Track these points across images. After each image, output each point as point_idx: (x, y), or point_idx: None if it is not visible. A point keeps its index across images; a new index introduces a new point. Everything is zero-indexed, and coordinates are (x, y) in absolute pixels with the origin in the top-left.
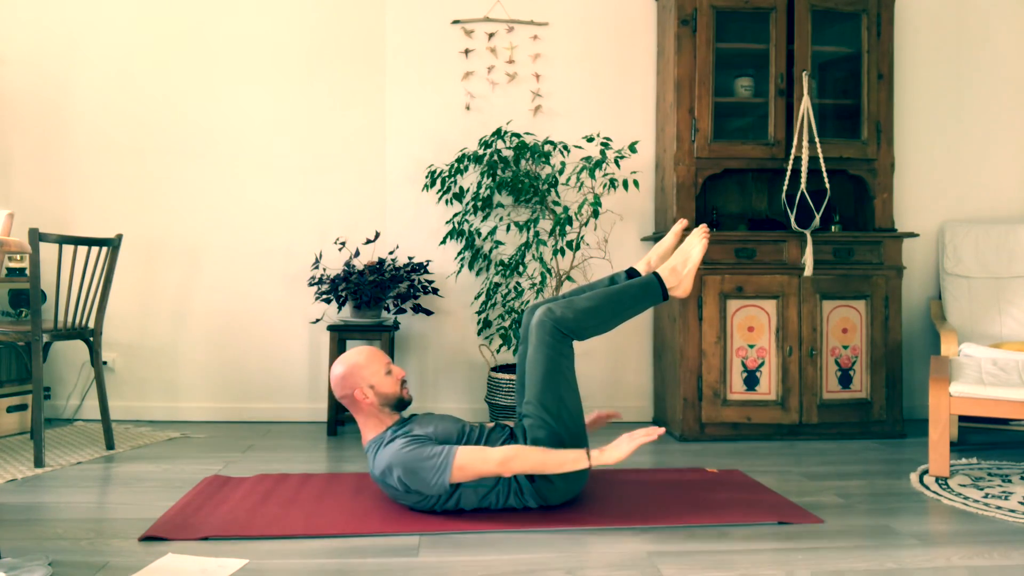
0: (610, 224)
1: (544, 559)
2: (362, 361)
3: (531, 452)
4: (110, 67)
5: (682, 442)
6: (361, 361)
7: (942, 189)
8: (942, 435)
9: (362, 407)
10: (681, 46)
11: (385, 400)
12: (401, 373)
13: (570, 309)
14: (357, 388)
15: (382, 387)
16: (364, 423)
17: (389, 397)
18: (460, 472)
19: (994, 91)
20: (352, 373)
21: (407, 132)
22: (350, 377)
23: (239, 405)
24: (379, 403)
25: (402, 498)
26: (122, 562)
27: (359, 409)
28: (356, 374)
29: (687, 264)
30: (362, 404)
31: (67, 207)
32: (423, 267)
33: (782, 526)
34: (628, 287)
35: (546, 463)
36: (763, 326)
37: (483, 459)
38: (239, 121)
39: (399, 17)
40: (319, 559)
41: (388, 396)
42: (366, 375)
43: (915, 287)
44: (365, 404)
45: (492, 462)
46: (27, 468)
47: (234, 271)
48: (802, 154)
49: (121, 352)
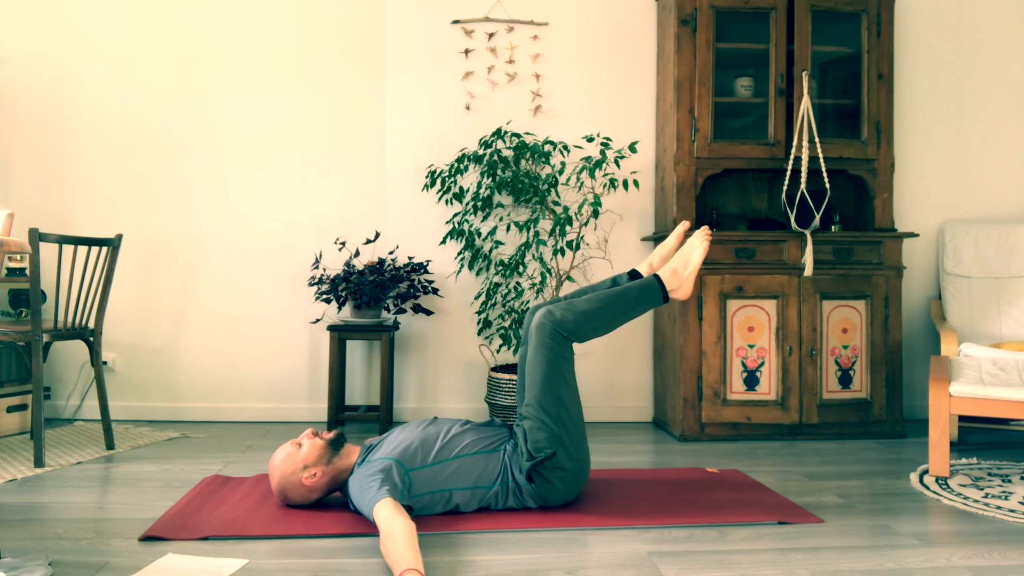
0: (610, 224)
1: (544, 559)
2: (280, 465)
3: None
4: (110, 67)
5: (682, 442)
6: (280, 465)
7: (942, 189)
8: (942, 435)
9: (323, 482)
10: (681, 46)
11: (323, 459)
12: (307, 433)
13: (570, 311)
14: (302, 479)
15: (310, 456)
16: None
17: (323, 454)
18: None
19: (994, 91)
20: (286, 480)
21: (407, 132)
22: (287, 483)
23: (239, 405)
24: (325, 465)
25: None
26: (122, 562)
27: (325, 485)
28: (288, 476)
29: (688, 266)
30: (320, 480)
31: (67, 207)
32: (423, 267)
33: (782, 526)
34: (628, 289)
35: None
36: (763, 326)
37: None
38: (239, 121)
39: (399, 17)
40: (319, 559)
41: (321, 455)
42: (292, 468)
43: (915, 287)
44: (320, 477)
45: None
46: (27, 468)
47: (234, 271)
48: (802, 154)
49: (121, 352)
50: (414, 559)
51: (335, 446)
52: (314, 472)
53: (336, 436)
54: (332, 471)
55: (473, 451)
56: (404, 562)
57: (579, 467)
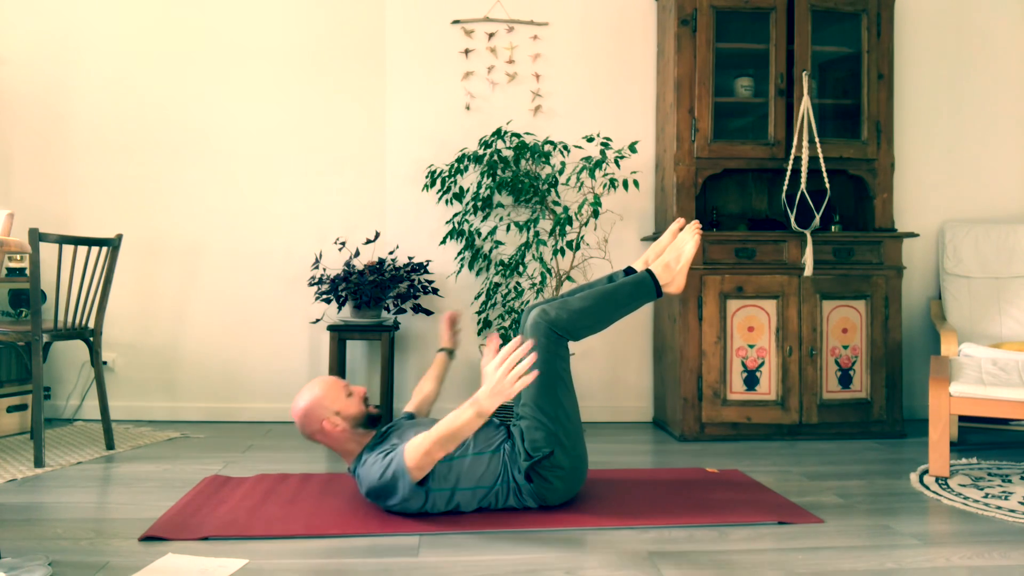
0: (610, 224)
1: (544, 559)
2: (320, 392)
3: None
4: (110, 67)
5: (682, 442)
6: (319, 392)
7: (942, 189)
8: (942, 435)
9: (335, 436)
10: (681, 46)
11: (355, 421)
12: (362, 391)
13: (564, 310)
14: (324, 420)
15: (348, 409)
16: (342, 451)
17: (357, 417)
18: (418, 470)
19: (994, 91)
20: (314, 407)
21: (407, 132)
22: (313, 411)
23: (239, 405)
24: (350, 426)
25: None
26: (122, 562)
27: (333, 439)
28: (318, 406)
29: (680, 260)
30: (333, 433)
31: (67, 207)
32: (423, 267)
33: (782, 526)
34: (622, 285)
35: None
36: (763, 326)
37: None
38: (239, 121)
39: (399, 17)
40: (319, 559)
41: (356, 416)
42: (328, 404)
43: (915, 287)
44: (337, 432)
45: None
46: (27, 468)
47: (234, 271)
48: (802, 154)
49: (121, 352)
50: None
51: (368, 423)
52: (337, 423)
53: (377, 415)
54: (349, 436)
55: (476, 451)
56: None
57: (577, 465)
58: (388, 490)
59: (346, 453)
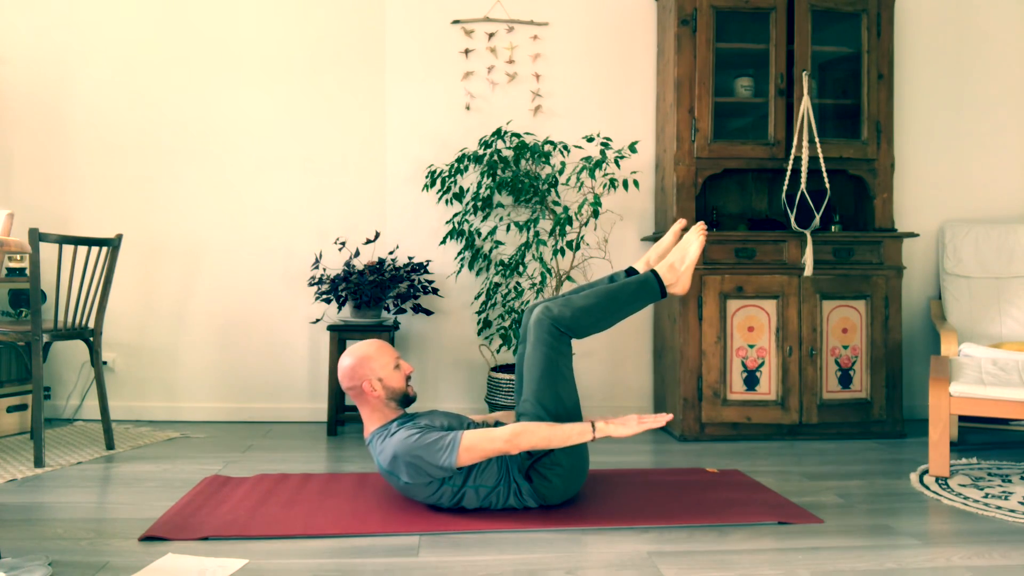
0: (610, 224)
1: (544, 559)
2: (372, 353)
3: (538, 427)
4: (110, 67)
5: (682, 442)
6: (371, 353)
7: (942, 189)
8: (942, 435)
9: (368, 399)
10: (681, 46)
11: (392, 394)
12: (409, 369)
13: (568, 307)
14: (366, 380)
15: (390, 381)
16: (369, 416)
17: (396, 392)
18: (467, 453)
19: (994, 91)
20: (362, 364)
21: (407, 132)
22: (360, 368)
23: (239, 405)
24: (386, 397)
25: (409, 491)
26: (122, 562)
27: (365, 401)
28: (366, 365)
29: (684, 261)
30: (368, 396)
31: (67, 207)
32: (423, 267)
33: (782, 526)
34: (626, 285)
35: (552, 438)
36: (763, 326)
37: (490, 439)
38: (239, 121)
39: (399, 17)
40: (319, 559)
41: (395, 390)
42: (375, 367)
43: (915, 287)
44: (372, 396)
45: (499, 440)
46: (27, 468)
47: (234, 271)
48: (802, 154)
49: (121, 352)
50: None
51: (403, 401)
52: (376, 389)
53: (413, 397)
54: (381, 405)
55: None
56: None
57: (577, 463)
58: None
59: (370, 420)
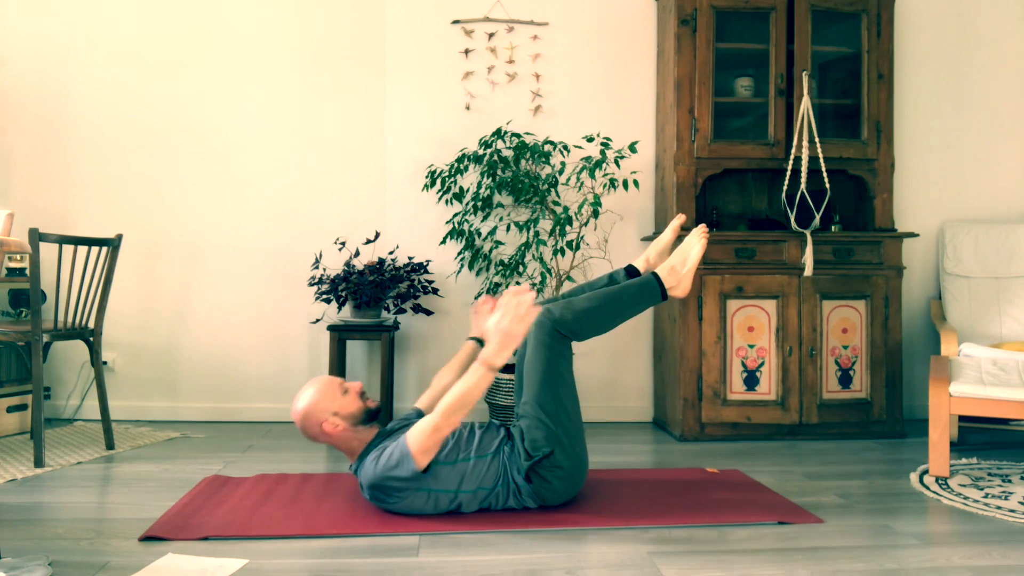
0: (610, 224)
1: (544, 559)
2: (315, 395)
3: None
4: (110, 67)
5: (682, 442)
6: (314, 395)
7: (942, 189)
8: (942, 435)
9: (336, 436)
10: (681, 46)
11: (354, 419)
12: (358, 386)
13: (569, 310)
14: (323, 422)
15: (345, 408)
16: (347, 450)
17: (356, 414)
18: (422, 455)
19: (994, 91)
20: (312, 410)
21: (407, 132)
22: (312, 415)
23: (239, 405)
24: (350, 424)
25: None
26: (122, 562)
27: (336, 440)
28: (316, 409)
29: (686, 264)
30: (335, 433)
31: (67, 207)
32: (423, 267)
33: (782, 526)
34: (627, 287)
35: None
36: (763, 326)
37: (427, 429)
38: (239, 121)
39: (399, 17)
40: (319, 559)
41: (355, 414)
42: (324, 405)
43: (915, 287)
44: (338, 432)
45: (433, 426)
46: (27, 468)
47: (234, 271)
48: (802, 154)
49: (121, 352)
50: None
51: (368, 418)
52: (337, 424)
53: (376, 409)
54: (350, 434)
55: (477, 454)
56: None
57: (577, 465)
58: (389, 483)
59: (350, 452)
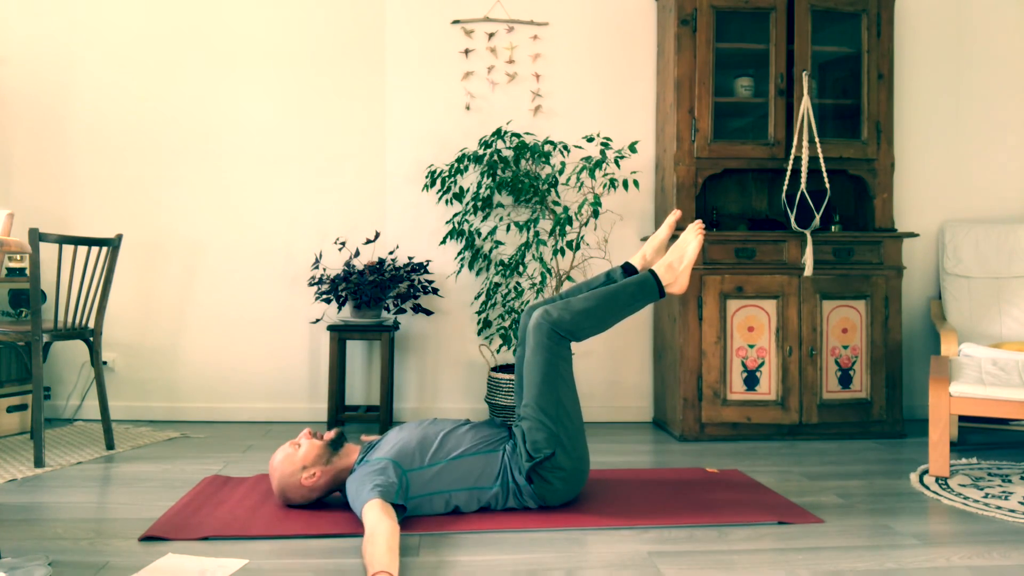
0: (610, 224)
1: (544, 559)
2: (278, 467)
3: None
4: (110, 67)
5: (682, 442)
6: (277, 468)
7: (942, 189)
8: (942, 435)
9: (323, 482)
10: (681, 46)
11: (323, 459)
12: (305, 433)
13: (567, 311)
14: (300, 481)
15: (308, 457)
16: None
17: (321, 455)
18: None
19: (994, 90)
20: (285, 481)
21: (407, 132)
22: (288, 484)
23: (239, 405)
24: (323, 465)
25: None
26: (122, 562)
27: (326, 484)
28: (286, 476)
29: (683, 261)
30: (319, 481)
31: (67, 207)
32: (423, 267)
33: (782, 526)
34: (624, 286)
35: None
36: (763, 326)
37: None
38: (239, 121)
39: (399, 17)
40: (319, 559)
41: (320, 455)
42: (291, 469)
43: (915, 287)
44: (320, 479)
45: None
46: (27, 468)
47: (234, 271)
48: (802, 154)
49: (121, 352)
50: (389, 561)
51: (334, 446)
52: (313, 472)
53: (336, 436)
54: (332, 471)
55: (472, 452)
56: (378, 563)
57: (578, 467)
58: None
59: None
